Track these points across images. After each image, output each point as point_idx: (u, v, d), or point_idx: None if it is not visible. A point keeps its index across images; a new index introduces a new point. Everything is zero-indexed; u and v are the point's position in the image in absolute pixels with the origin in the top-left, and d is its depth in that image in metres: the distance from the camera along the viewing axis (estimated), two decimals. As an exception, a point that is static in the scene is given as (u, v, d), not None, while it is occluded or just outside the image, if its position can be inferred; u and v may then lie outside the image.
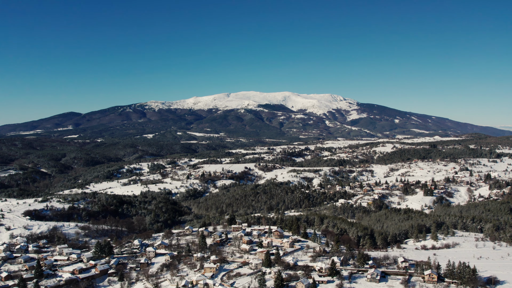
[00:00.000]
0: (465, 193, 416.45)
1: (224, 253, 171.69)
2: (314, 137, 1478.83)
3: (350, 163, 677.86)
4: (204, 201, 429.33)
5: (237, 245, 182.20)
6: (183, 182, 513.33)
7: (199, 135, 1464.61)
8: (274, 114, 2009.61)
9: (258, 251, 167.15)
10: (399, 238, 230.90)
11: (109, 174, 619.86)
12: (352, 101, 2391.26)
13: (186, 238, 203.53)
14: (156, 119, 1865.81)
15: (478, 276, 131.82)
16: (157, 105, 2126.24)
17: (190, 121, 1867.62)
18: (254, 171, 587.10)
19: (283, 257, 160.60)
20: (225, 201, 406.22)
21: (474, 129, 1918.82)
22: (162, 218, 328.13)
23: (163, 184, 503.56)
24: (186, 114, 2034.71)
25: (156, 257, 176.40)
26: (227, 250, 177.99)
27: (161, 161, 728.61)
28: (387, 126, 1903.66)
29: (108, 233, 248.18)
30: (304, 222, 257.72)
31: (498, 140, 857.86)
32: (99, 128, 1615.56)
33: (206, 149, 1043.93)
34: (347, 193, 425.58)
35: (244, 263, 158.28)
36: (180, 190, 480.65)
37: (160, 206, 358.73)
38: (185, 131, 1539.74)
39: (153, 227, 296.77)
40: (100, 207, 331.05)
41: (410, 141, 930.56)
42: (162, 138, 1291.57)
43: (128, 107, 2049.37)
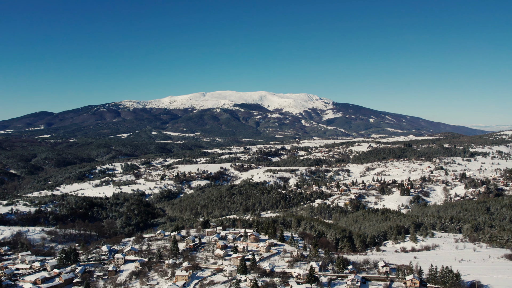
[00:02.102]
0: (441, 192, 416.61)
1: (198, 259, 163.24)
2: (290, 136, 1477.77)
3: (326, 162, 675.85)
4: (178, 202, 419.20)
5: (211, 250, 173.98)
6: (157, 183, 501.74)
7: (175, 134, 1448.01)
8: (250, 113, 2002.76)
9: (233, 257, 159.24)
10: (378, 240, 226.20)
11: (81, 175, 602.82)
12: (327, 101, 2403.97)
13: (157, 243, 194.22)
14: (130, 118, 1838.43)
15: (461, 280, 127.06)
16: (132, 105, 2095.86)
17: (166, 120, 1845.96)
18: (230, 171, 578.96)
19: (259, 263, 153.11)
20: (200, 203, 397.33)
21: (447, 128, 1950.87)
22: (134, 221, 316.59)
23: (136, 185, 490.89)
24: (161, 113, 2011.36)
25: (125, 264, 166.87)
26: (201, 255, 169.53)
27: (135, 161, 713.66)
28: (362, 125, 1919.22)
29: (76, 238, 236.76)
30: (281, 224, 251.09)
31: (471, 139, 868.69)
32: (72, 128, 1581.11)
33: (181, 149, 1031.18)
34: (324, 193, 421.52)
35: (218, 270, 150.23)
36: (154, 191, 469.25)
37: (133, 208, 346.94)
38: (160, 130, 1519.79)
39: (124, 231, 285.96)
40: (69, 210, 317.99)
41: (385, 140, 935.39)
42: (137, 138, 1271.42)
43: (102, 107, 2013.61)
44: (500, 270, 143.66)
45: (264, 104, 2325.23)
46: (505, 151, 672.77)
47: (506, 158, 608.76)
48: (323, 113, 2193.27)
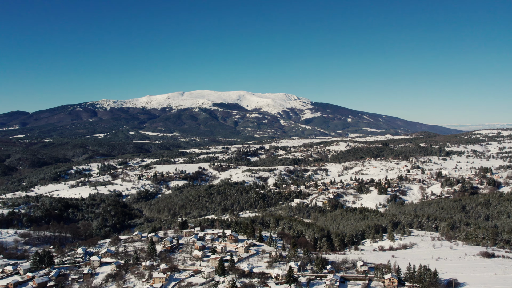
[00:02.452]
0: (417, 191, 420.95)
1: (175, 261, 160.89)
2: (269, 136, 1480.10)
3: (304, 162, 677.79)
4: (156, 203, 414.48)
5: (189, 252, 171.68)
6: (135, 183, 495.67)
7: (152, 134, 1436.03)
8: (229, 113, 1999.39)
9: (211, 258, 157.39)
10: (356, 239, 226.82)
11: (56, 175, 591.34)
12: (306, 100, 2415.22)
13: (134, 245, 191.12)
14: (107, 118, 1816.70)
15: (439, 278, 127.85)
16: (109, 104, 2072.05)
17: (143, 120, 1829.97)
18: (209, 171, 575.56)
19: (237, 263, 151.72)
20: (178, 203, 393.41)
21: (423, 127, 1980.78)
22: (110, 222, 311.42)
23: (113, 186, 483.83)
24: (139, 113, 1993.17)
25: (101, 267, 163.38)
26: (178, 257, 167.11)
27: (112, 161, 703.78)
28: (340, 125, 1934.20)
29: (50, 240, 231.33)
30: (259, 224, 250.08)
31: (446, 138, 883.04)
32: (47, 127, 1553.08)
33: (159, 149, 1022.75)
34: (303, 192, 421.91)
35: (196, 271, 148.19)
36: (131, 192, 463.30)
37: (109, 209, 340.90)
38: (138, 130, 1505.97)
39: (101, 233, 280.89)
40: (44, 211, 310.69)
41: (362, 140, 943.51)
42: (114, 138, 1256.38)
43: (79, 106, 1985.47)
44: (476, 268, 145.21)
45: (243, 103, 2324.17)
46: (479, 150, 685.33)
47: (481, 157, 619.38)
48: (301, 112, 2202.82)
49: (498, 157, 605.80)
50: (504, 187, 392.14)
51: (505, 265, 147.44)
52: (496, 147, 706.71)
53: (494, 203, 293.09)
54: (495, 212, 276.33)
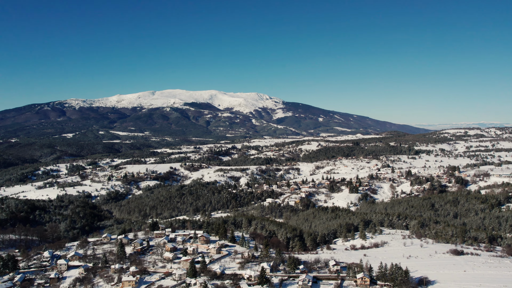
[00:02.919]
0: (388, 189, 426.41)
1: (145, 263, 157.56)
2: (241, 135, 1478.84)
3: (277, 161, 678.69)
4: (126, 204, 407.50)
5: (159, 254, 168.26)
6: (104, 184, 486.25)
7: (123, 134, 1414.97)
8: (200, 112, 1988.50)
9: (183, 260, 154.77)
10: (328, 238, 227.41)
11: (23, 176, 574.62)
12: (278, 100, 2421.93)
13: (103, 247, 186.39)
14: (76, 117, 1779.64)
15: (410, 277, 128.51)
16: (78, 103, 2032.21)
17: (113, 119, 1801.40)
18: (180, 171, 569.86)
19: (209, 265, 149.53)
20: (149, 204, 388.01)
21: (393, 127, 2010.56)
22: (79, 224, 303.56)
23: (82, 187, 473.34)
24: (109, 112, 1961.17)
25: (69, 271, 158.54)
26: (149, 259, 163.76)
27: (81, 162, 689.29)
28: (311, 124, 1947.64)
29: (16, 243, 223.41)
30: (231, 225, 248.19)
31: (415, 137, 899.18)
32: (13, 127, 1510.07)
33: (130, 149, 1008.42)
34: (275, 192, 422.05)
35: (167, 273, 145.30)
36: (101, 193, 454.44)
37: (78, 211, 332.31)
38: (108, 130, 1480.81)
39: (69, 235, 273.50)
40: (9, 214, 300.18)
41: (334, 139, 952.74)
42: (83, 138, 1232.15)
43: (46, 105, 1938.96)
44: (446, 266, 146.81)
45: (215, 103, 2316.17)
46: (447, 149, 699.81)
47: (448, 156, 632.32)
48: (273, 112, 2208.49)
49: (465, 156, 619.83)
50: (471, 185, 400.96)
51: (473, 262, 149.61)
52: (463, 146, 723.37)
53: (462, 201, 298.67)
54: (463, 210, 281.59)
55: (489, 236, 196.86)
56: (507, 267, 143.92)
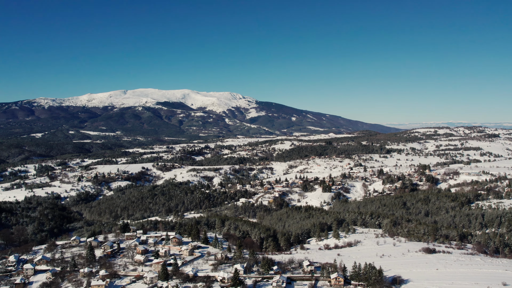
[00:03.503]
0: (360, 188, 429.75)
1: (116, 266, 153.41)
2: (214, 135, 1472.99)
3: (250, 161, 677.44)
4: (97, 205, 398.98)
5: (130, 256, 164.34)
6: (74, 184, 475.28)
7: (94, 134, 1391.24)
8: (173, 112, 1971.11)
9: (154, 262, 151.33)
10: (302, 238, 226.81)
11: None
12: (251, 99, 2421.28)
13: (72, 251, 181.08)
14: (46, 117, 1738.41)
15: (384, 276, 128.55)
16: (47, 102, 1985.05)
17: (84, 119, 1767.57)
18: (152, 171, 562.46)
19: (181, 267, 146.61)
20: (120, 205, 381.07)
21: (364, 126, 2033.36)
22: (47, 226, 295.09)
23: (51, 188, 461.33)
24: (79, 111, 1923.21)
25: (36, 275, 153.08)
26: (119, 262, 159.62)
27: (50, 162, 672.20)
28: (284, 123, 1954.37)
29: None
30: (204, 225, 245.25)
31: (386, 136, 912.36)
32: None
33: (101, 149, 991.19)
34: (248, 191, 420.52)
35: (138, 277, 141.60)
36: (71, 194, 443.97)
37: (46, 213, 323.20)
38: (78, 129, 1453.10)
39: (37, 238, 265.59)
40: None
41: (307, 138, 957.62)
42: (53, 138, 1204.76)
43: (14, 104, 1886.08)
44: (418, 264, 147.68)
45: (188, 102, 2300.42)
46: (418, 148, 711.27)
47: (419, 154, 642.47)
48: (246, 111, 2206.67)
49: (435, 155, 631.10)
50: (441, 183, 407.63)
51: (445, 260, 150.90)
52: (433, 144, 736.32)
53: (433, 199, 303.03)
54: (434, 208, 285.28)
55: (460, 234, 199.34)
56: (478, 264, 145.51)
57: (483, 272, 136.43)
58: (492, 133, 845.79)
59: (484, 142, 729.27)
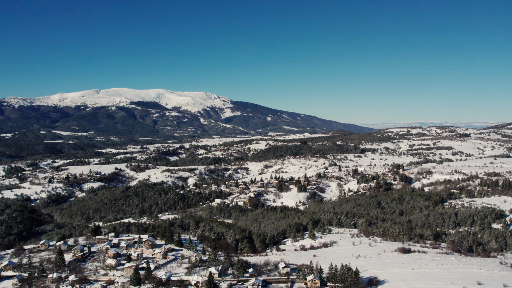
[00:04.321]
0: (335, 188, 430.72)
1: (86, 271, 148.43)
2: (189, 135, 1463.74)
3: (225, 161, 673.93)
4: (68, 207, 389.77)
5: (101, 260, 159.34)
6: (45, 186, 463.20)
7: (66, 134, 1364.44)
8: (147, 111, 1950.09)
9: (126, 266, 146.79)
10: (277, 239, 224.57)
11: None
12: (226, 99, 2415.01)
13: (41, 255, 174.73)
14: (16, 116, 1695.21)
15: (360, 277, 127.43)
16: (17, 102, 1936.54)
17: (56, 119, 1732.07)
18: (126, 172, 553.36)
19: (154, 271, 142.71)
20: (92, 206, 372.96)
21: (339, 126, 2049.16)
22: (16, 230, 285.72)
23: (20, 190, 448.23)
24: (51, 111, 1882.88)
25: (1, 281, 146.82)
26: (90, 267, 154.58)
27: (20, 163, 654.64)
28: (260, 123, 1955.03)
29: None
30: (178, 227, 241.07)
31: (361, 136, 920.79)
32: None
33: (73, 149, 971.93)
34: (223, 192, 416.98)
35: (109, 282, 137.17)
36: (41, 196, 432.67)
37: (15, 215, 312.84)
38: (50, 130, 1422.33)
39: (4, 242, 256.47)
40: None
41: (282, 138, 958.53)
42: (23, 138, 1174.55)
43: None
44: (394, 264, 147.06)
45: (162, 102, 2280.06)
46: (391, 147, 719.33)
47: (393, 154, 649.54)
48: (221, 111, 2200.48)
49: (409, 154, 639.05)
50: (415, 182, 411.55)
51: (421, 260, 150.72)
52: (407, 144, 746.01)
53: (407, 198, 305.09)
54: (409, 207, 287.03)
55: (434, 233, 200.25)
56: (453, 264, 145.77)
57: (458, 271, 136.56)
58: (463, 132, 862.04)
59: (455, 141, 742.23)
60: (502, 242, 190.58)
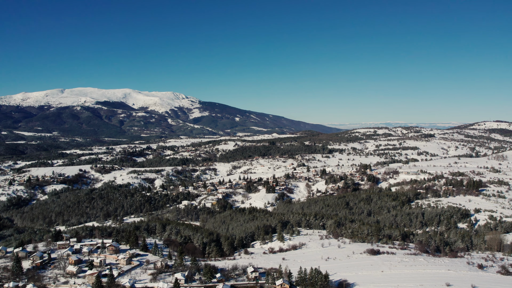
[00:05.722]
0: (304, 188, 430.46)
1: (46, 279, 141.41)
2: (157, 135, 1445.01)
3: (193, 161, 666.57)
4: (29, 210, 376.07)
5: (62, 267, 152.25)
6: (5, 189, 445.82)
7: (29, 134, 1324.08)
8: (114, 112, 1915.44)
9: (88, 274, 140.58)
10: (246, 242, 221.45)
11: None
12: (194, 99, 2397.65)
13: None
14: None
15: (330, 280, 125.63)
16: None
17: (18, 119, 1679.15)
18: (90, 174, 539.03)
19: (118, 278, 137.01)
20: (54, 210, 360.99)
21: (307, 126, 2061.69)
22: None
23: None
24: (13, 111, 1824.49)
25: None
26: (50, 274, 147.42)
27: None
28: (228, 124, 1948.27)
29: None
30: (144, 231, 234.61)
31: (328, 137, 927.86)
32: None
33: (36, 150, 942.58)
34: (191, 193, 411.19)
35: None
36: (1, 199, 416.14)
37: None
38: (12, 130, 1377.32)
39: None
40: None
41: (250, 139, 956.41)
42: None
43: None
44: (364, 267, 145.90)
45: (129, 102, 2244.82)
46: (358, 148, 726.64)
47: (360, 154, 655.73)
48: (190, 112, 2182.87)
49: (375, 154, 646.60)
50: (382, 182, 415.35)
51: (390, 262, 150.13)
52: (373, 144, 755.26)
53: (375, 198, 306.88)
54: (377, 208, 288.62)
55: (402, 234, 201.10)
56: (421, 265, 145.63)
57: (427, 272, 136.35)
58: (428, 133, 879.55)
59: (420, 141, 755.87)
60: (468, 241, 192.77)
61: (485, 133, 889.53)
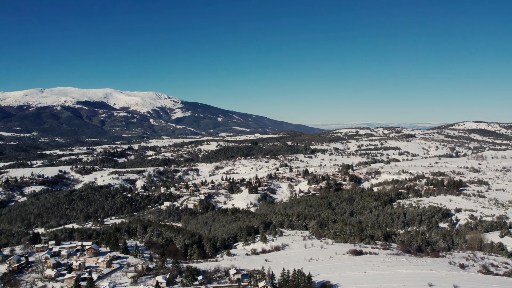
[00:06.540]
0: (286, 188, 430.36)
1: (23, 284, 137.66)
2: (138, 136, 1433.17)
3: (175, 162, 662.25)
4: (7, 212, 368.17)
5: (40, 271, 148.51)
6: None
7: (7, 135, 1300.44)
8: (95, 112, 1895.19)
9: (67, 277, 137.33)
10: (228, 243, 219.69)
11: None
12: (176, 100, 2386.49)
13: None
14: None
15: (313, 282, 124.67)
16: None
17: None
18: (70, 175, 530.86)
19: (97, 281, 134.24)
20: (33, 211, 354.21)
21: (289, 126, 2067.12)
22: None
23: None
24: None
25: None
26: (27, 278, 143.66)
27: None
28: (210, 124, 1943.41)
29: None
30: (125, 233, 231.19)
31: (311, 137, 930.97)
32: None
33: (15, 151, 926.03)
34: (173, 194, 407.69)
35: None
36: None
37: None
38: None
39: None
40: None
41: (233, 139, 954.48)
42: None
43: None
44: (347, 267, 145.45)
45: (110, 102, 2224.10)
46: (341, 148, 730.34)
47: (342, 154, 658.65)
48: (172, 112, 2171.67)
49: (357, 154, 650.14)
50: (364, 182, 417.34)
51: (372, 262, 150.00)
52: (355, 145, 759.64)
53: (357, 198, 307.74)
54: (359, 208, 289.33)
55: (384, 234, 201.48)
56: (404, 265, 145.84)
57: (409, 273, 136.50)
58: (409, 133, 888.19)
59: (402, 142, 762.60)
60: (449, 241, 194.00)
61: (464, 133, 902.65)
